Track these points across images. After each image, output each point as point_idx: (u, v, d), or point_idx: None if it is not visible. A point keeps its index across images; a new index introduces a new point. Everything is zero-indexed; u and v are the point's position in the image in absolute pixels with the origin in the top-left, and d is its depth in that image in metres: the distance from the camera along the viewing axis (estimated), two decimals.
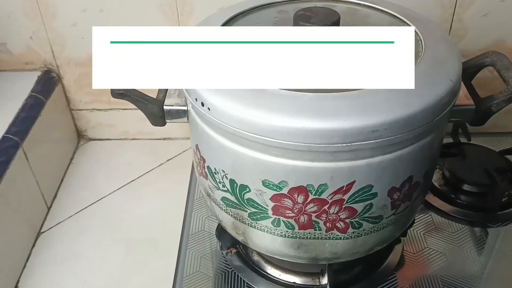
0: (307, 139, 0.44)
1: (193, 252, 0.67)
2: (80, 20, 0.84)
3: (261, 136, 0.45)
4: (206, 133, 0.50)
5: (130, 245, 0.78)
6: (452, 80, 0.48)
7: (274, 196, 0.49)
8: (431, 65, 0.49)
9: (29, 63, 0.89)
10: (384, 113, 0.44)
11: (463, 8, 0.81)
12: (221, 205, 0.54)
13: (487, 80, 0.74)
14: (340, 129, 0.43)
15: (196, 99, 0.48)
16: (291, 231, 0.51)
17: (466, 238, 0.69)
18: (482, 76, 0.59)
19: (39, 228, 0.81)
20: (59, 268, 0.75)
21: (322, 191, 0.47)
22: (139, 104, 0.53)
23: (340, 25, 0.53)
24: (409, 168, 0.49)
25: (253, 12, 0.60)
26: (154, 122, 0.55)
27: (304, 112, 0.44)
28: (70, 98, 0.93)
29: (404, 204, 0.52)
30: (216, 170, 0.52)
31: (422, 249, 0.67)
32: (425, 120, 0.45)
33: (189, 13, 0.83)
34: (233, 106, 0.46)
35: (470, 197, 0.73)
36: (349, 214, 0.49)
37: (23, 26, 0.85)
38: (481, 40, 0.84)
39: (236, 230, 0.55)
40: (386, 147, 0.45)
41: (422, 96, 0.45)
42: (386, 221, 0.52)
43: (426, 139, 0.48)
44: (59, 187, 0.88)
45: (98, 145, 0.98)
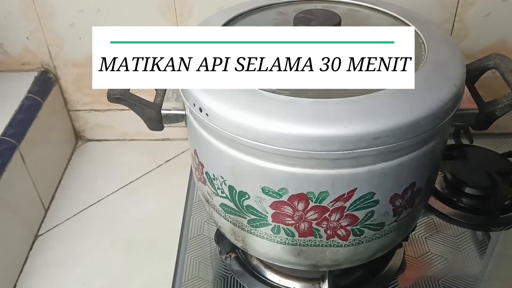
0: (307, 146, 0.43)
1: (192, 256, 0.66)
2: (78, 21, 0.83)
3: (260, 143, 0.44)
4: (205, 138, 0.49)
5: (129, 247, 0.77)
6: (456, 85, 0.47)
7: (274, 203, 0.48)
8: (434, 69, 0.48)
9: (26, 63, 0.88)
10: (386, 119, 0.43)
11: (465, 8, 0.80)
12: (220, 211, 0.54)
13: (489, 81, 0.73)
14: (341, 136, 0.42)
15: (194, 104, 0.48)
16: (291, 238, 0.50)
17: (468, 241, 0.68)
18: (484, 76, 0.58)
19: (37, 230, 0.80)
20: (57, 271, 0.74)
21: (322, 198, 0.46)
22: (136, 109, 0.52)
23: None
24: (412, 175, 0.48)
25: (253, 14, 0.59)
26: (152, 127, 0.54)
27: (304, 118, 0.43)
28: (67, 99, 0.92)
29: (406, 210, 0.51)
30: (215, 176, 0.51)
31: (423, 254, 0.66)
32: (428, 126, 0.44)
33: (188, 14, 0.82)
34: (231, 111, 0.45)
35: (472, 200, 0.72)
36: (350, 222, 0.48)
37: (20, 27, 0.84)
38: (482, 40, 0.83)
39: (235, 236, 0.55)
40: (388, 154, 0.45)
41: (425, 102, 0.44)
42: (388, 228, 0.51)
43: (429, 145, 0.47)
44: (56, 189, 0.87)
45: (96, 146, 0.97)
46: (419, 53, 0.51)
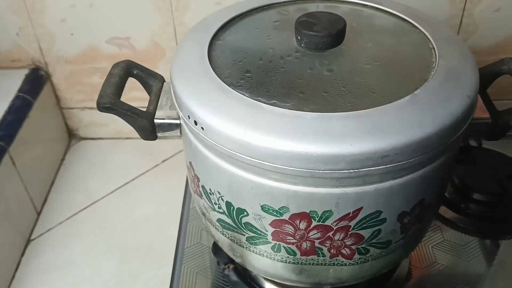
0: (310, 165, 0.40)
1: (189, 267, 0.64)
2: (69, 16, 0.80)
3: (259, 160, 0.41)
4: (200, 151, 0.46)
5: (124, 253, 0.75)
6: (469, 96, 0.43)
7: (274, 222, 0.45)
8: (445, 77, 0.45)
9: (17, 60, 0.85)
10: (395, 136, 0.39)
11: (474, 3, 0.76)
12: (217, 226, 0.51)
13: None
14: (346, 155, 0.39)
15: (189, 117, 0.44)
16: (292, 257, 0.48)
17: (475, 251, 0.65)
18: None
19: (29, 235, 0.78)
20: (50, 277, 0.72)
21: (326, 217, 0.43)
22: (128, 118, 0.49)
23: (345, 32, 0.49)
24: (421, 191, 0.45)
25: (252, 15, 0.55)
26: (145, 137, 0.51)
27: (307, 134, 0.40)
28: (60, 97, 0.89)
29: (414, 227, 0.48)
30: (212, 190, 0.48)
31: (430, 264, 0.64)
32: (440, 142, 0.41)
33: (184, 9, 0.78)
34: (228, 126, 0.41)
35: (481, 207, 0.69)
36: (355, 241, 0.46)
37: (9, 22, 0.80)
38: (492, 36, 0.79)
39: (234, 252, 0.52)
40: (397, 172, 0.41)
41: (437, 116, 0.41)
42: (395, 246, 0.48)
43: (440, 160, 0.44)
44: (49, 190, 0.84)
45: (90, 145, 0.94)
46: (429, 60, 0.47)
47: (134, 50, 0.83)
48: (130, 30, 0.81)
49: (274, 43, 0.51)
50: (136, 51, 0.83)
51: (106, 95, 0.48)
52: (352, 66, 0.48)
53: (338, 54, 0.49)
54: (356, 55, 0.49)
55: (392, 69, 0.48)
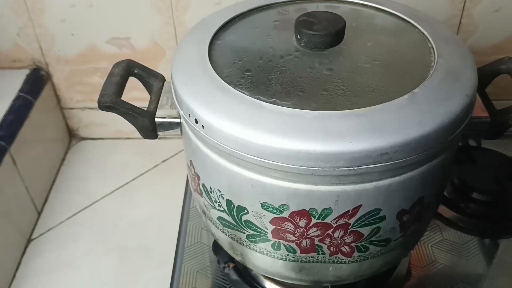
0: (310, 163, 0.40)
1: (189, 266, 0.64)
2: (69, 16, 0.80)
3: (260, 158, 0.41)
4: (200, 150, 0.46)
5: (124, 253, 0.75)
6: (468, 95, 0.44)
7: (274, 219, 0.45)
8: (445, 77, 0.45)
9: (17, 60, 0.85)
10: (394, 134, 0.40)
11: (473, 3, 0.76)
12: (217, 224, 0.51)
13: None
14: (346, 152, 0.39)
15: (190, 115, 0.45)
16: (292, 255, 0.48)
17: (475, 250, 0.65)
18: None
19: (29, 234, 0.78)
20: (50, 277, 0.72)
21: (326, 215, 0.44)
22: (129, 117, 0.50)
23: (345, 31, 0.49)
24: (420, 190, 0.45)
25: (252, 14, 0.56)
26: (145, 136, 0.52)
27: (307, 133, 0.40)
28: (60, 97, 0.89)
29: (413, 225, 0.48)
30: (212, 189, 0.48)
31: (429, 262, 0.64)
32: (438, 140, 0.42)
33: (184, 9, 0.78)
34: (229, 125, 0.42)
35: (480, 206, 0.69)
36: (354, 238, 0.46)
37: (9, 23, 0.81)
38: (491, 36, 0.80)
39: (234, 250, 0.52)
40: (396, 170, 0.42)
41: (436, 114, 0.41)
42: (394, 243, 0.48)
43: (439, 158, 0.44)
44: (50, 190, 0.85)
45: (90, 145, 0.94)
46: (428, 59, 0.48)
47: (134, 50, 0.83)
48: (130, 30, 0.81)
49: (274, 43, 0.51)
50: (136, 51, 0.83)
51: (107, 94, 0.48)
52: (351, 65, 0.48)
53: (337, 53, 0.49)
54: (356, 54, 0.49)
55: (391, 68, 0.48)
